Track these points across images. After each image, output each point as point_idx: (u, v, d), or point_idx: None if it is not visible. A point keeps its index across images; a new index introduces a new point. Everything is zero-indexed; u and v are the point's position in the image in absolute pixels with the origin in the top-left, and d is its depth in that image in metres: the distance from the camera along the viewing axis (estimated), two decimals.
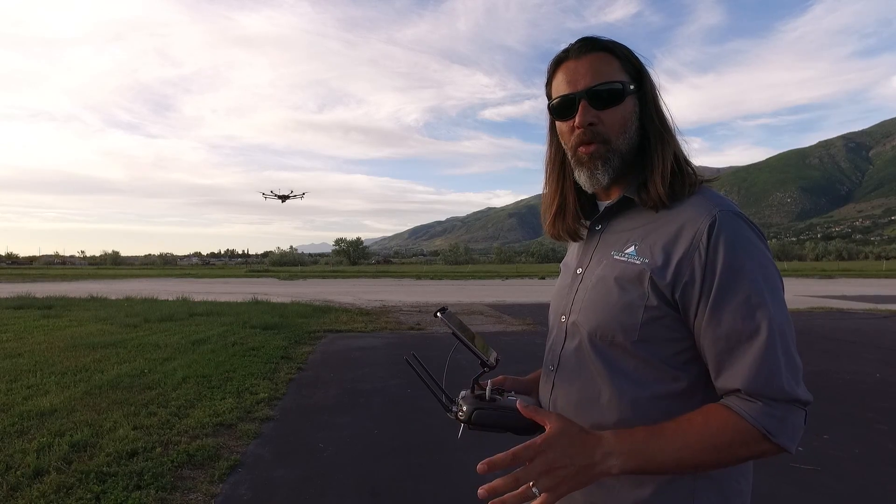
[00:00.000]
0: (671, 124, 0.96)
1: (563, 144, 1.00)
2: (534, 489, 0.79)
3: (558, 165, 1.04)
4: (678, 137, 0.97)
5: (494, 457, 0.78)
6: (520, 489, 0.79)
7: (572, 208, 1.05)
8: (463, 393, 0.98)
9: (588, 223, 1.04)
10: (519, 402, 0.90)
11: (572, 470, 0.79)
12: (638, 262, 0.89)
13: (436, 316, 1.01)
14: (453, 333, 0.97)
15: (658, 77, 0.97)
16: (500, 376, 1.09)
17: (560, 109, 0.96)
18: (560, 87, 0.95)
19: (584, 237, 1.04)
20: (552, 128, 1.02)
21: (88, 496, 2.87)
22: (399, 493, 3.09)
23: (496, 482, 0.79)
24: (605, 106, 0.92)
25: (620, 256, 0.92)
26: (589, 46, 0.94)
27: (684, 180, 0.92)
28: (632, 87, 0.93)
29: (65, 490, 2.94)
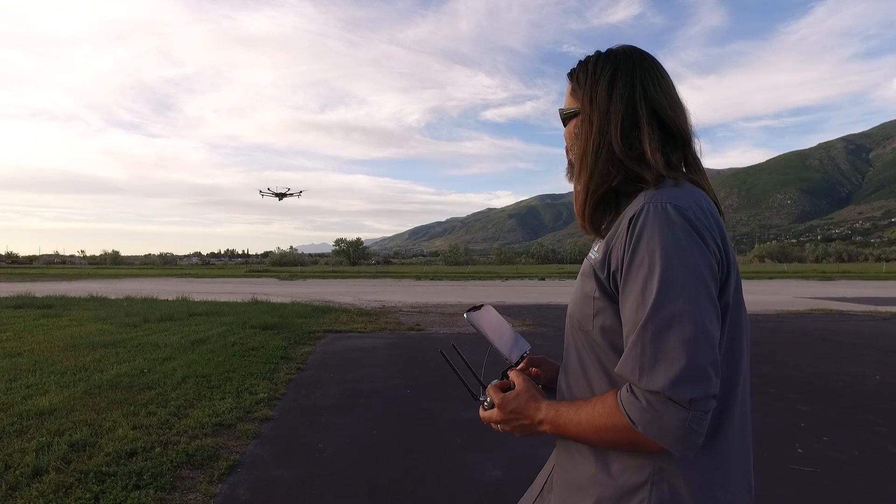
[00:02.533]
0: (599, 147, 0.98)
1: None
2: (497, 427, 1.03)
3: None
4: (645, 130, 0.98)
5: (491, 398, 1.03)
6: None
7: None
8: (494, 382, 1.06)
9: None
10: (511, 371, 1.06)
11: (518, 424, 1.00)
12: (592, 256, 0.98)
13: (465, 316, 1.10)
14: (448, 363, 1.12)
15: (631, 90, 0.98)
16: (538, 356, 1.18)
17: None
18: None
19: None
20: None
21: (87, 496, 2.87)
22: (398, 494, 3.08)
23: (483, 415, 1.05)
24: (564, 125, 1.08)
25: (591, 253, 1.00)
26: (569, 75, 1.07)
27: (644, 175, 0.95)
28: (571, 111, 1.04)
29: (64, 490, 2.94)
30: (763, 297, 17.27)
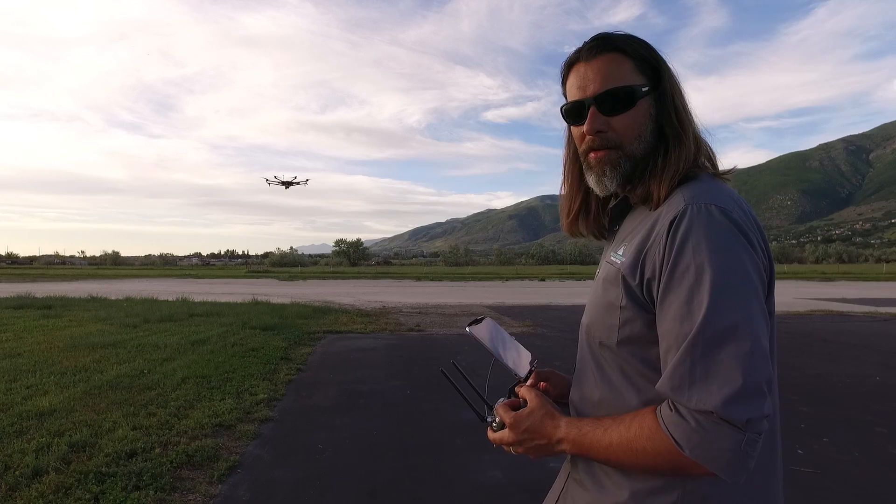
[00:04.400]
0: (691, 122, 0.92)
1: (577, 147, 0.99)
2: (510, 450, 0.96)
3: (578, 165, 1.02)
4: (700, 131, 0.94)
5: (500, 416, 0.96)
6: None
7: (594, 207, 1.05)
8: (503, 401, 0.99)
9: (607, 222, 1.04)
10: (520, 387, 0.98)
11: (534, 445, 0.91)
12: (619, 262, 0.89)
13: (466, 330, 1.03)
14: (451, 382, 1.03)
15: (677, 70, 0.94)
16: (547, 370, 1.11)
17: (571, 114, 0.95)
18: (571, 92, 0.94)
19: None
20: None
21: (87, 496, 2.87)
22: (398, 494, 3.08)
23: (492, 437, 0.98)
24: (615, 112, 0.89)
25: (613, 257, 0.92)
26: (600, 47, 0.90)
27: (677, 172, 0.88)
28: (645, 88, 0.90)
29: (63, 490, 2.94)
30: None
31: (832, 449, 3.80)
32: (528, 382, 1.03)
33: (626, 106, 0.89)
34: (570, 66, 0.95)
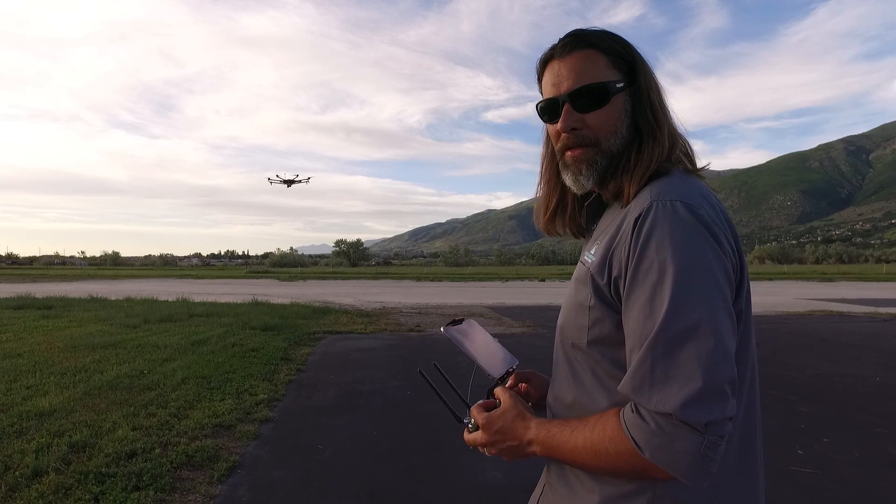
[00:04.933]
0: (667, 119, 0.91)
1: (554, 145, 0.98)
2: (484, 451, 0.95)
3: (555, 163, 1.00)
4: (677, 126, 0.92)
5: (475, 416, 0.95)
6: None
7: (570, 205, 1.03)
8: (479, 402, 0.98)
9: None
10: (498, 388, 0.97)
11: (506, 446, 0.90)
12: (589, 261, 0.88)
13: (442, 330, 1.03)
14: (429, 382, 1.04)
15: (654, 66, 0.93)
16: (528, 371, 1.09)
17: (546, 112, 0.94)
18: (546, 89, 0.93)
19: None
20: None
21: (87, 497, 2.87)
22: (398, 495, 3.08)
23: (467, 438, 0.97)
24: (589, 108, 0.88)
25: (586, 256, 0.91)
26: (574, 44, 0.90)
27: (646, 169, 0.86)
28: (620, 84, 0.89)
29: (63, 491, 2.93)
30: (763, 299, 17.25)
31: (832, 449, 3.80)
32: (508, 383, 1.03)
33: (600, 102, 0.88)
34: (544, 63, 0.94)
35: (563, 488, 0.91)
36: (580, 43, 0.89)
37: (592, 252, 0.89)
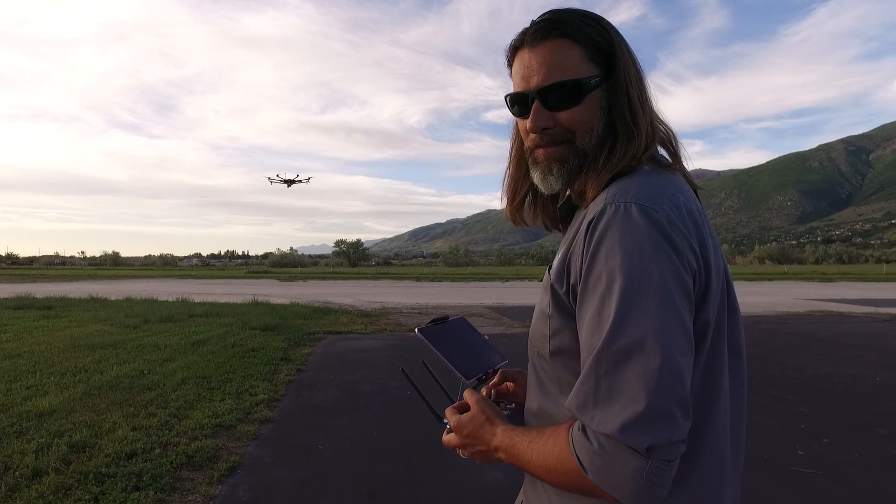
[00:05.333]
0: (646, 114, 0.83)
1: (523, 139, 0.91)
2: (460, 454, 0.92)
3: (523, 149, 0.93)
4: (659, 118, 0.86)
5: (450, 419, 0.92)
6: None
7: (544, 195, 0.95)
8: (455, 404, 0.96)
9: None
10: (467, 390, 0.94)
11: (476, 450, 0.87)
12: (553, 265, 0.83)
13: (414, 331, 1.01)
14: (411, 382, 1.03)
15: (654, 66, 0.89)
16: (514, 370, 1.06)
17: (515, 105, 0.87)
18: (515, 80, 0.86)
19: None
20: None
21: (87, 497, 2.87)
22: (398, 495, 3.08)
23: (444, 439, 0.94)
24: (562, 106, 0.81)
25: (553, 261, 0.85)
26: (546, 31, 0.81)
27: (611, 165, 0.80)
28: (595, 80, 0.81)
29: (63, 491, 2.93)
30: (763, 299, 17.26)
31: (832, 449, 3.80)
32: (492, 382, 1.01)
33: (572, 101, 0.81)
34: (514, 50, 0.86)
35: (533, 495, 0.89)
36: (553, 31, 0.81)
37: (558, 257, 0.83)
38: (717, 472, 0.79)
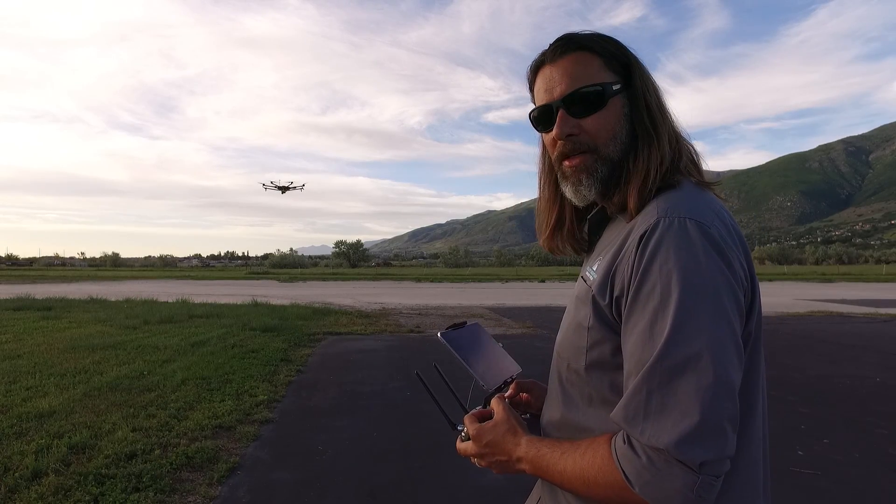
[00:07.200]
0: (666, 122, 0.86)
1: (550, 155, 0.93)
2: (475, 462, 0.92)
3: (553, 176, 0.95)
4: (680, 132, 0.88)
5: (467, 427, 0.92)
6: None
7: (568, 221, 0.99)
8: (473, 411, 0.96)
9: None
10: (495, 398, 0.94)
11: (495, 460, 0.87)
12: (591, 278, 0.83)
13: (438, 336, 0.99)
14: (425, 386, 1.02)
15: (655, 67, 0.89)
16: (529, 381, 1.06)
17: (540, 121, 0.90)
18: (539, 96, 0.89)
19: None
20: None
21: (87, 498, 2.86)
22: (398, 496, 3.08)
23: (459, 447, 0.94)
24: (586, 113, 0.84)
25: (587, 272, 0.86)
26: (565, 47, 0.85)
27: (651, 182, 0.81)
28: (616, 87, 0.84)
29: (63, 492, 2.93)
30: (763, 300, 16.87)
31: (832, 450, 3.80)
32: (508, 392, 1.00)
33: (596, 106, 0.83)
34: (536, 70, 0.90)
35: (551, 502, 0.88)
36: (571, 45, 0.85)
37: (595, 269, 0.84)
38: (753, 482, 0.80)
